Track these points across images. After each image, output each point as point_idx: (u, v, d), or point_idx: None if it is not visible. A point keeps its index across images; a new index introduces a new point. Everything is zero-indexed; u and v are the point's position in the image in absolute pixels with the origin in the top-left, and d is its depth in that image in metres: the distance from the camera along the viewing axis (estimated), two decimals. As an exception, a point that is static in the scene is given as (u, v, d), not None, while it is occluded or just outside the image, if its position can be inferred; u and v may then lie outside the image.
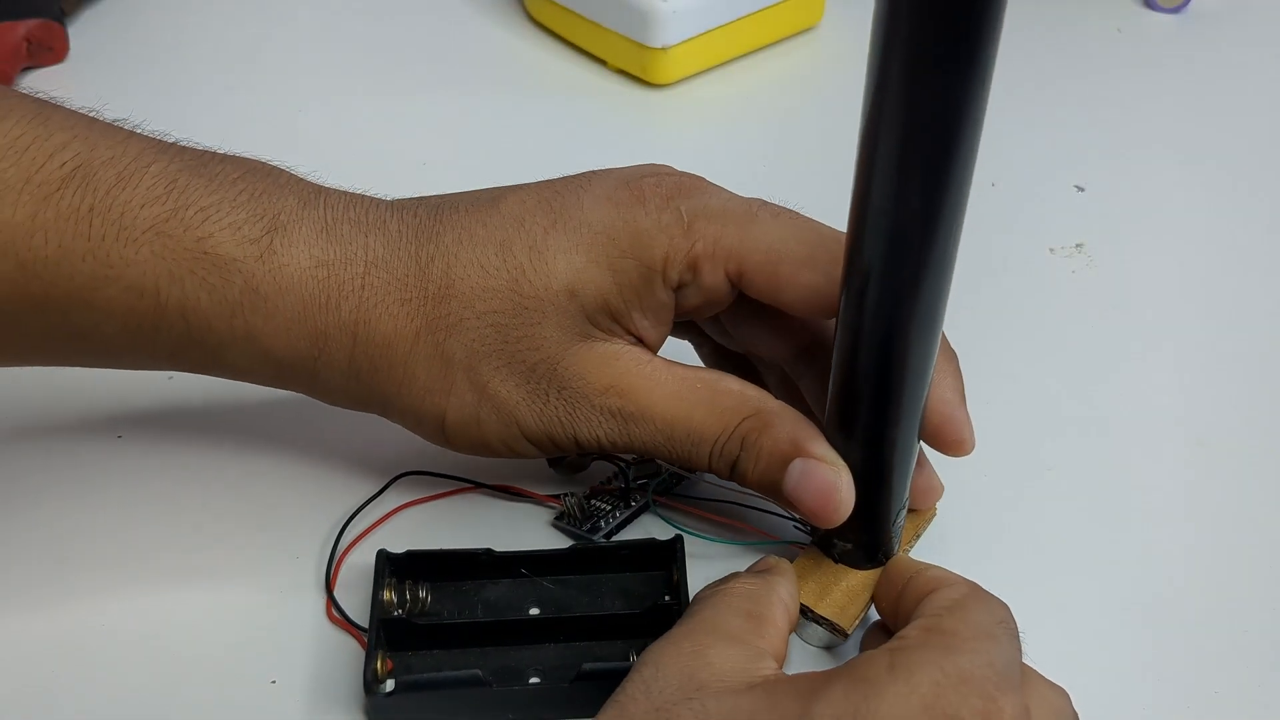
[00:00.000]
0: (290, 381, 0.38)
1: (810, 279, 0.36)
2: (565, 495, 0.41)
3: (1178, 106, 0.65)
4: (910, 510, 0.39)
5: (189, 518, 0.41)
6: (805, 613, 0.37)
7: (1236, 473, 0.44)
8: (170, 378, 0.46)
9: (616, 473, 0.42)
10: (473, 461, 0.42)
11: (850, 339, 0.33)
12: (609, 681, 0.34)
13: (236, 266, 0.35)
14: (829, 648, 0.38)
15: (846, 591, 0.37)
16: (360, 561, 0.39)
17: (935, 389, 0.35)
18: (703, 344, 0.43)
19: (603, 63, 0.66)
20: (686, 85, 0.64)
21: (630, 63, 0.64)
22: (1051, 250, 0.54)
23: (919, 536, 0.40)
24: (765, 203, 0.38)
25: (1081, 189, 0.58)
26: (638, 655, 0.36)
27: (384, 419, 0.40)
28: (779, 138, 0.62)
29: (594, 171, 0.39)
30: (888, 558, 0.37)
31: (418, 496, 0.42)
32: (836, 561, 0.38)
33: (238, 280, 0.36)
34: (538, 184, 0.39)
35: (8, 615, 0.38)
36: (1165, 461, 0.45)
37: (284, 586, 0.39)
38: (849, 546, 0.37)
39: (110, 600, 0.39)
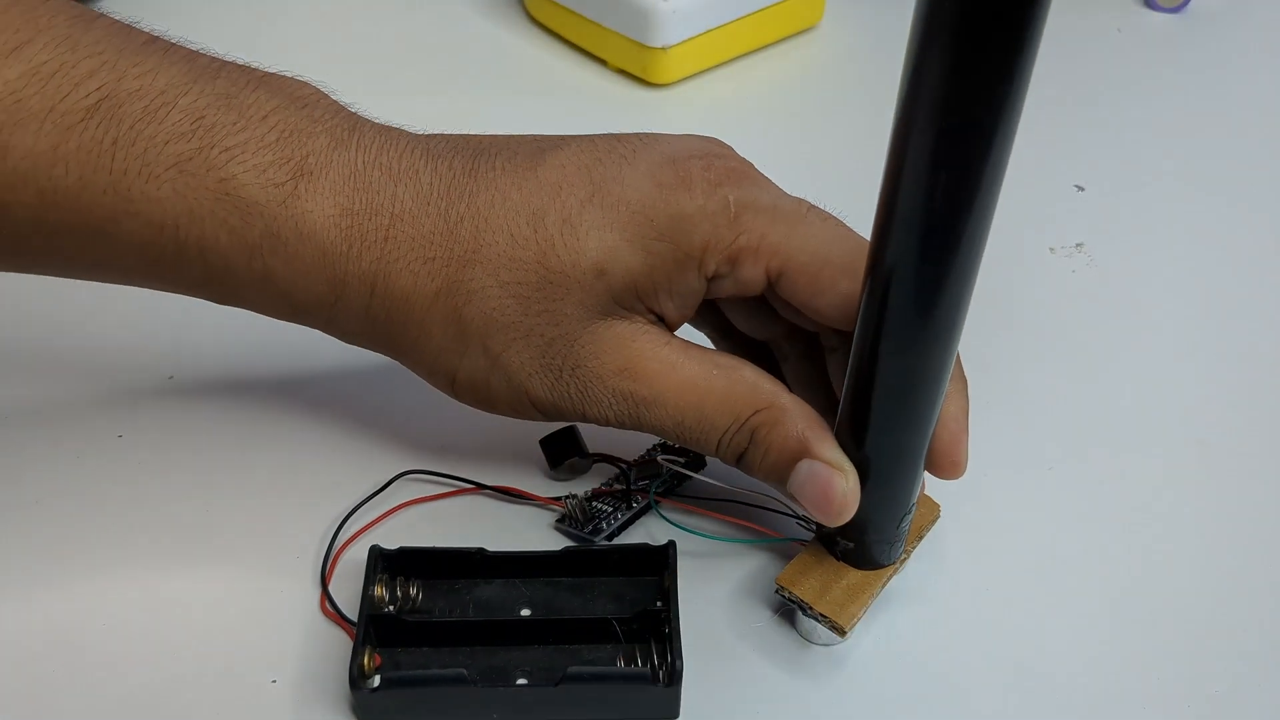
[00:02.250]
0: (305, 321, 0.38)
1: (849, 288, 0.35)
2: (566, 498, 0.41)
3: (1178, 106, 0.65)
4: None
5: (189, 517, 0.41)
6: (804, 609, 0.37)
7: (1237, 472, 0.44)
8: (170, 377, 0.46)
9: (618, 474, 0.42)
10: (474, 463, 0.43)
11: (869, 341, 0.33)
12: (594, 685, 0.34)
13: (259, 210, 0.35)
14: (828, 645, 0.38)
15: (846, 590, 0.37)
16: (358, 558, 0.39)
17: (946, 407, 0.35)
18: (721, 340, 0.42)
19: (603, 63, 0.66)
20: (686, 85, 0.64)
21: (630, 63, 0.64)
22: (1051, 250, 0.54)
23: (922, 537, 0.40)
24: (812, 205, 0.38)
25: (1081, 189, 0.58)
26: (625, 660, 0.36)
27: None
28: (779, 138, 0.62)
29: (641, 138, 0.38)
30: (891, 560, 0.37)
31: (418, 496, 0.42)
32: (839, 559, 0.38)
33: (259, 224, 0.35)
34: (581, 143, 0.38)
35: (7, 615, 0.38)
36: (1165, 461, 0.45)
37: (282, 583, 0.39)
38: (851, 546, 0.37)
39: (110, 599, 0.39)
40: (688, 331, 0.40)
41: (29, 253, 0.36)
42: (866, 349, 0.33)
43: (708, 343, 0.43)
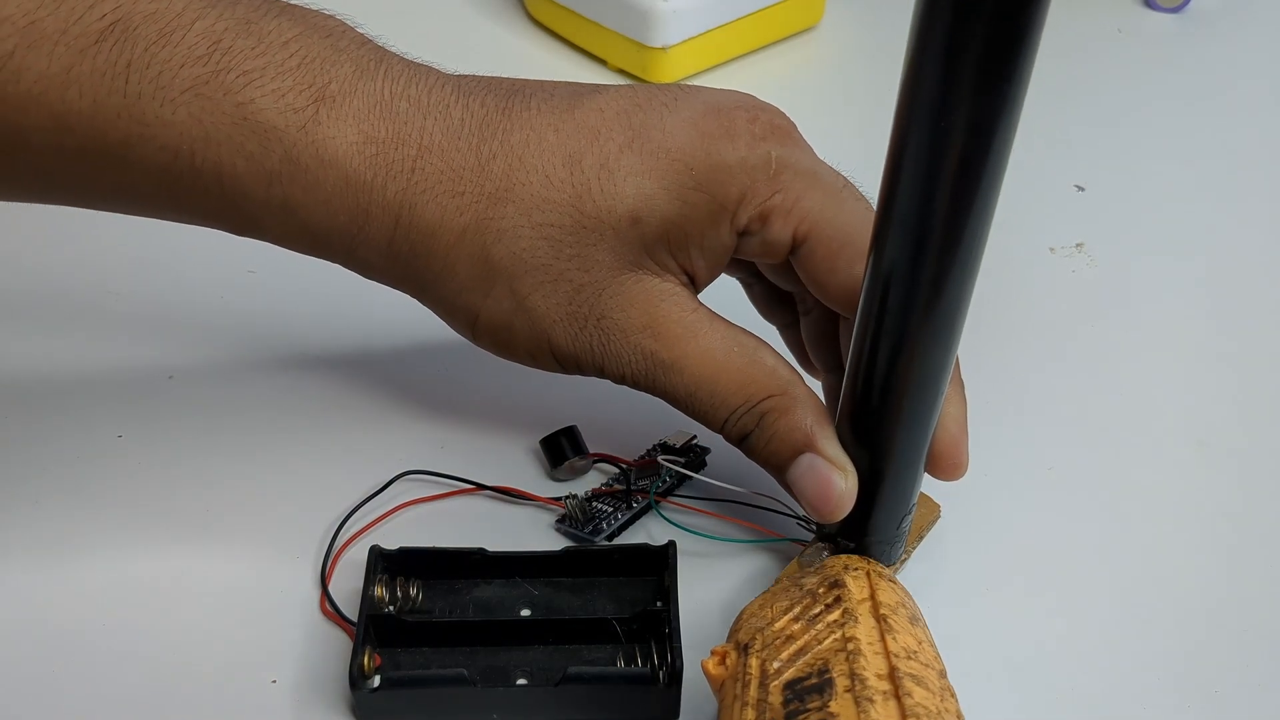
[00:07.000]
0: (326, 253, 0.38)
1: (861, 273, 0.35)
2: (566, 498, 0.41)
3: (1178, 106, 0.65)
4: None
5: (189, 516, 0.41)
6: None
7: (1237, 473, 0.44)
8: (170, 377, 0.46)
9: (618, 474, 0.42)
10: (474, 463, 0.43)
11: (869, 341, 0.33)
12: (594, 685, 0.34)
13: (277, 135, 0.34)
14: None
15: (847, 591, 0.37)
16: (358, 558, 0.39)
17: (946, 409, 0.35)
18: (753, 284, 0.42)
19: (603, 63, 0.66)
20: (686, 85, 0.64)
21: (630, 63, 0.64)
22: (1051, 250, 0.54)
23: (922, 537, 0.40)
24: (849, 181, 0.38)
25: (1081, 189, 0.58)
26: (625, 660, 0.36)
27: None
28: (779, 138, 0.62)
29: (682, 87, 0.38)
30: (891, 561, 0.37)
31: (418, 496, 0.42)
32: (838, 561, 0.38)
33: (277, 150, 0.35)
34: (620, 90, 0.38)
35: (7, 615, 0.38)
36: (1166, 461, 0.45)
37: (282, 583, 0.39)
38: (852, 546, 0.37)
39: (110, 599, 0.39)
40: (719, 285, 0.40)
41: (48, 179, 0.35)
42: (866, 349, 0.33)
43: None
